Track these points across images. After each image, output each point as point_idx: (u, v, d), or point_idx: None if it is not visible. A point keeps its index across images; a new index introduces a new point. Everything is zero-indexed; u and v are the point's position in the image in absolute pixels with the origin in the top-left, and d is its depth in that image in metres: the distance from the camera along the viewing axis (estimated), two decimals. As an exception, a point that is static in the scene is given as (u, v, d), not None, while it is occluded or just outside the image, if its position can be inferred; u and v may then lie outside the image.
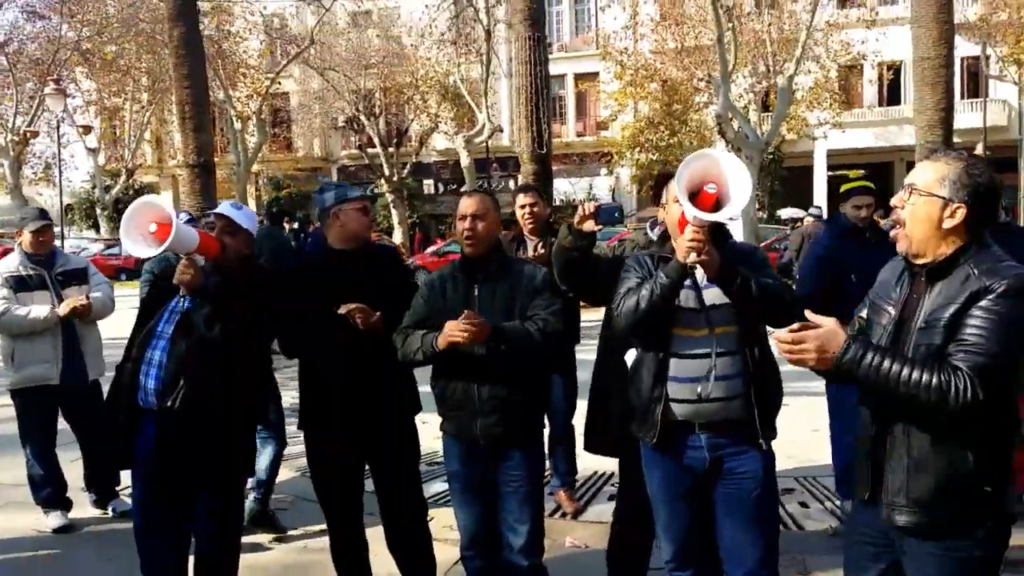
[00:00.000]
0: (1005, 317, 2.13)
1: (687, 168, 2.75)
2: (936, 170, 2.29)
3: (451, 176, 34.11)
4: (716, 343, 2.86)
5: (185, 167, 14.35)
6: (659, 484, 3.05)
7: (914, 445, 2.26)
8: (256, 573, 4.39)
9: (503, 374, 3.25)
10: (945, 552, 2.28)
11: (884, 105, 32.90)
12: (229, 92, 25.99)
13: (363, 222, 3.70)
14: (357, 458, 3.75)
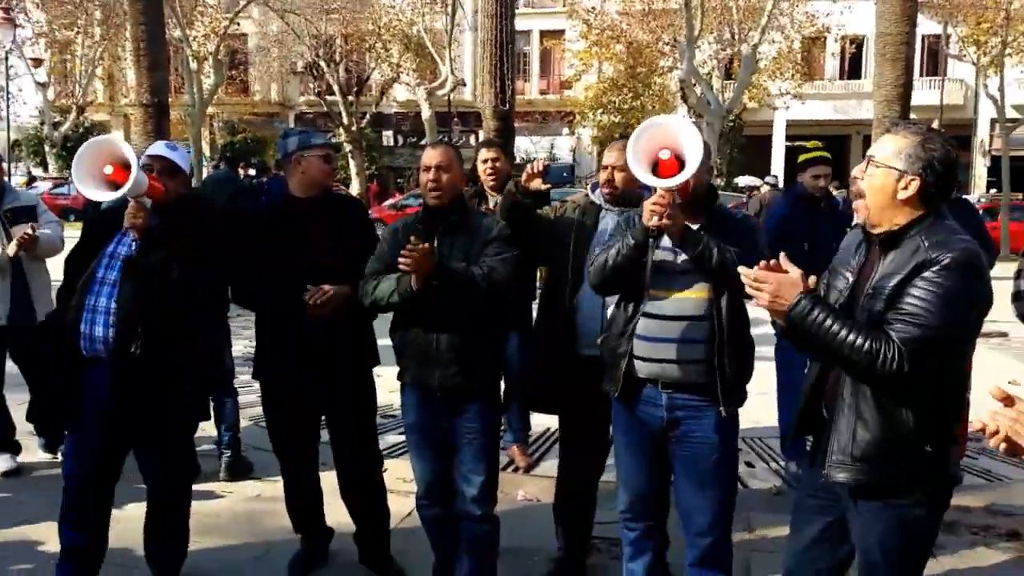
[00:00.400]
0: (946, 289, 2.17)
1: (639, 140, 2.84)
2: (894, 143, 2.35)
3: (411, 129, 33.77)
4: (677, 305, 2.93)
5: (138, 106, 13.94)
6: (621, 435, 3.18)
7: (860, 405, 2.33)
8: (209, 520, 4.40)
9: (462, 326, 3.27)
10: (887, 509, 2.36)
11: (845, 78, 33.24)
12: (186, 31, 25.28)
13: (324, 169, 3.66)
14: (313, 408, 3.75)
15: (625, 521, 3.20)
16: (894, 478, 2.33)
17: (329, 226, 3.59)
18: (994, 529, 4.32)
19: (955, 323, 2.20)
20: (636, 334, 2.99)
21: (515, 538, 4.14)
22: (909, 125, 2.42)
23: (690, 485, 3.04)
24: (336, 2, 29.17)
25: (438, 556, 3.61)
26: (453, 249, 3.30)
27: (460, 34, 28.28)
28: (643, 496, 3.16)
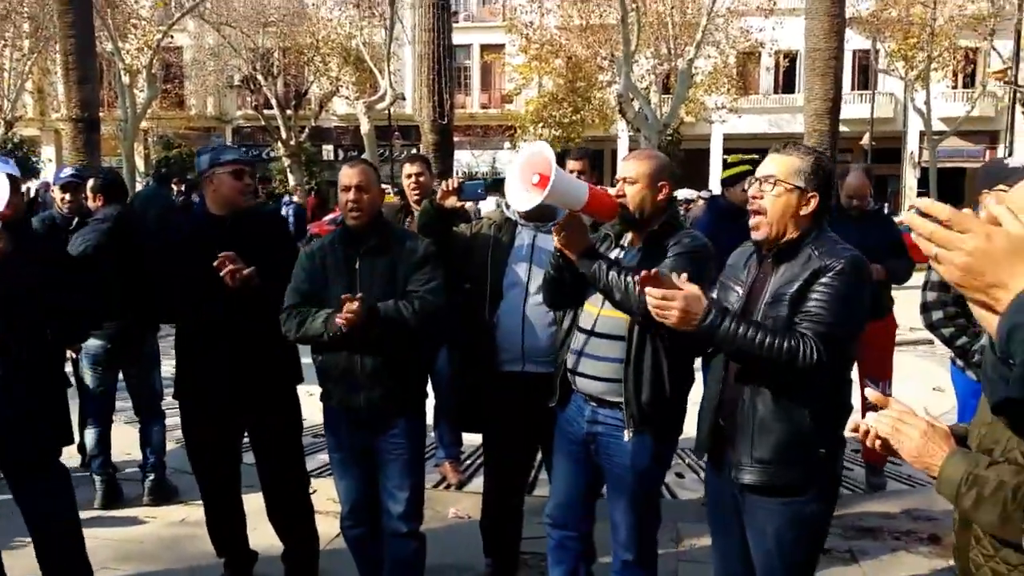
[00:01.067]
0: (841, 292, 2.40)
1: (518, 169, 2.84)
2: (792, 163, 2.52)
3: (351, 143, 33.49)
4: (601, 323, 2.97)
5: (68, 121, 13.67)
6: (556, 444, 3.23)
7: (759, 409, 2.51)
8: (132, 547, 4.29)
9: (385, 346, 3.23)
10: (782, 507, 2.54)
11: (779, 92, 33.90)
12: (118, 44, 24.78)
13: (235, 186, 3.57)
14: (233, 429, 3.69)
15: (550, 527, 3.24)
16: (792, 478, 2.52)
17: (245, 243, 3.51)
18: (916, 534, 4.41)
19: (850, 320, 2.45)
20: (571, 348, 3.06)
21: (447, 555, 4.12)
22: (799, 146, 2.59)
23: (611, 499, 3.09)
24: (273, 15, 28.89)
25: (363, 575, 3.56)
26: (375, 271, 3.25)
27: (399, 48, 28.20)
28: (564, 504, 3.19)
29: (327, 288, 3.24)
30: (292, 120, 30.02)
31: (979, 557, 1.80)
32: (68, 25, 13.16)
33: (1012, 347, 1.22)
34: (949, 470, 1.68)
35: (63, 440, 3.40)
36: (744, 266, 2.66)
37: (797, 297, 2.44)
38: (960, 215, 1.30)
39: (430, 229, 3.53)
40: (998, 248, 1.26)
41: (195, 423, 3.70)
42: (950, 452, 1.70)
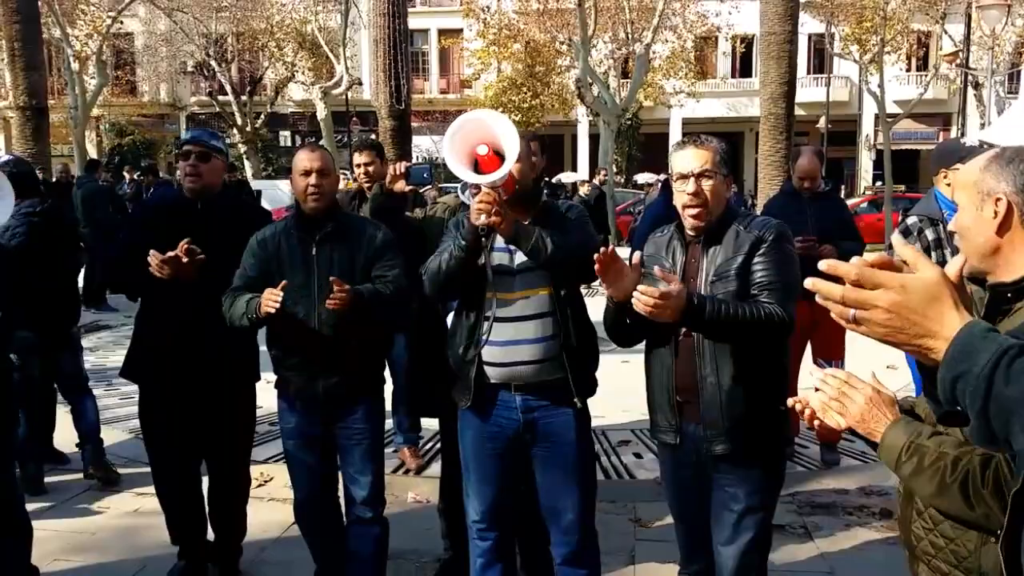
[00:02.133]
0: (782, 257, 2.64)
1: (454, 137, 2.79)
2: (714, 153, 2.69)
3: (308, 129, 33.14)
4: (519, 305, 2.90)
5: (15, 109, 13.40)
6: (471, 445, 3.06)
7: (724, 382, 2.64)
8: (83, 538, 4.23)
9: (340, 334, 3.19)
10: (749, 471, 2.70)
11: (736, 77, 34.14)
12: (67, 30, 24.24)
13: (181, 168, 3.52)
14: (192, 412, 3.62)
15: (479, 532, 3.10)
16: (758, 440, 2.68)
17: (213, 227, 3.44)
18: (868, 509, 4.49)
19: (796, 280, 2.60)
20: (486, 340, 2.90)
21: (405, 540, 4.10)
22: (701, 136, 2.77)
23: (553, 484, 3.00)
24: (226, 0, 28.43)
25: (319, 564, 3.54)
26: (334, 258, 3.21)
27: (355, 33, 27.89)
28: (498, 506, 3.07)
29: (279, 275, 3.16)
30: (247, 106, 29.61)
31: (919, 530, 1.83)
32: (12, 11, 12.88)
33: (959, 397, 1.15)
34: (891, 437, 1.70)
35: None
36: (667, 253, 2.77)
37: (742, 270, 2.62)
38: (867, 271, 1.20)
39: (382, 214, 3.50)
40: (916, 299, 1.18)
41: (152, 405, 3.64)
42: (894, 420, 1.72)
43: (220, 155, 3.56)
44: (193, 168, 3.47)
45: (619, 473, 4.92)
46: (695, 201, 2.64)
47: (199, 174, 3.48)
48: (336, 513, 3.53)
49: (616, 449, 5.28)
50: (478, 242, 2.82)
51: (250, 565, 3.89)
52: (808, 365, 5.07)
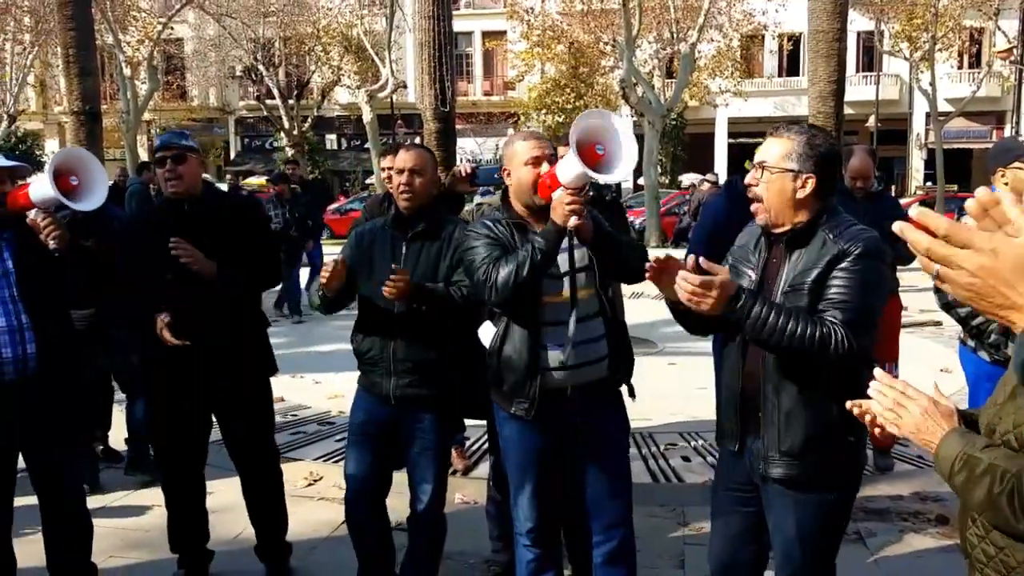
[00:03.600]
0: (863, 278, 2.35)
1: (580, 125, 2.70)
2: (782, 145, 2.45)
3: (354, 131, 33.51)
4: (579, 307, 2.88)
5: (71, 114, 13.67)
6: (523, 455, 3.00)
7: (784, 402, 2.44)
8: (137, 535, 4.31)
9: (420, 335, 3.21)
10: (807, 496, 2.48)
11: (783, 75, 33.75)
12: (119, 36, 24.76)
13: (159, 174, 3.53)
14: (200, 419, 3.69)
15: (531, 540, 3.05)
16: (820, 470, 2.46)
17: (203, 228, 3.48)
18: (924, 515, 4.39)
19: (874, 304, 2.40)
20: (544, 345, 2.87)
21: (453, 540, 4.09)
22: (791, 126, 2.51)
23: (600, 482, 2.99)
24: (273, 5, 28.81)
25: (361, 561, 3.56)
26: (421, 257, 3.24)
27: (400, 36, 28.11)
28: (548, 514, 3.04)
29: (371, 269, 3.24)
30: (295, 110, 29.99)
31: (973, 537, 1.79)
32: (67, 18, 13.14)
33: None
34: (945, 448, 1.66)
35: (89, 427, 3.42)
36: (755, 248, 2.58)
37: (816, 286, 2.38)
38: (959, 228, 1.14)
39: None
40: (1006, 267, 1.09)
41: (159, 413, 3.69)
42: (949, 430, 1.68)
43: (194, 153, 3.58)
44: (171, 172, 3.48)
45: (667, 476, 4.88)
46: (751, 193, 2.49)
47: (179, 176, 3.50)
48: (383, 513, 3.54)
49: (664, 452, 5.24)
50: (560, 243, 2.78)
51: (301, 564, 3.92)
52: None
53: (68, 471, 3.37)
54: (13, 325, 3.09)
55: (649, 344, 6.90)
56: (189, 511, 3.74)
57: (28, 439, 3.21)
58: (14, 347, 3.08)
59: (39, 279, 3.14)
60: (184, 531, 3.76)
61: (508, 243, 2.88)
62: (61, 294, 3.20)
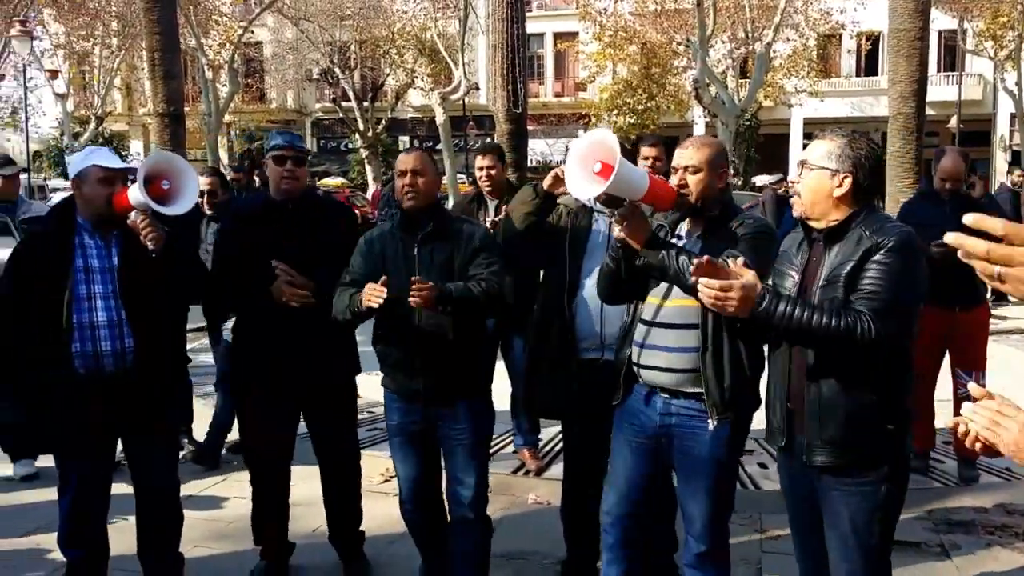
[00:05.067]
0: (894, 268, 2.45)
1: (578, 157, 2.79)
2: (824, 146, 2.59)
3: (427, 133, 33.80)
4: (667, 313, 2.92)
5: (155, 116, 14.10)
6: (617, 441, 3.13)
7: (823, 390, 2.55)
8: (218, 526, 4.43)
9: (442, 335, 3.26)
10: (856, 487, 2.58)
11: (861, 75, 32.97)
12: (201, 40, 25.45)
13: (275, 171, 3.61)
14: (289, 416, 3.78)
15: (608, 524, 3.13)
16: (860, 455, 2.57)
17: (303, 230, 3.57)
18: (1011, 528, 4.26)
19: (904, 294, 2.48)
20: (634, 340, 2.99)
21: (527, 541, 4.15)
22: (836, 130, 2.65)
23: (685, 491, 3.02)
24: (349, 9, 29.29)
25: (424, 557, 3.62)
26: (434, 257, 3.29)
27: (473, 38, 28.29)
28: (627, 499, 3.08)
29: (383, 273, 3.26)
30: (369, 112, 30.43)
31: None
32: (153, 22, 13.57)
33: None
34: None
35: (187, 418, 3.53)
36: (797, 251, 2.69)
37: (851, 277, 2.48)
38: (1018, 227, 1.13)
39: (531, 216, 3.52)
40: None
41: (250, 407, 3.79)
42: None
43: (307, 158, 3.74)
44: (290, 172, 3.61)
45: (743, 483, 4.82)
46: (792, 189, 2.62)
47: (296, 177, 3.64)
48: (440, 509, 3.59)
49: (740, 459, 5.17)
50: (618, 251, 2.87)
51: (377, 557, 3.99)
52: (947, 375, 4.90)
53: (163, 463, 3.49)
54: (113, 320, 3.21)
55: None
56: (274, 504, 3.84)
57: (126, 430, 3.33)
58: (113, 341, 3.21)
59: (140, 278, 3.25)
60: (268, 524, 3.86)
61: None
62: (161, 293, 3.30)
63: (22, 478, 4.99)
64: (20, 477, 4.99)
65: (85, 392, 3.20)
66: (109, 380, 3.22)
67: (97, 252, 3.26)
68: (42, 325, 3.17)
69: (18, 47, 23.54)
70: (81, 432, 3.24)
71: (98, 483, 3.37)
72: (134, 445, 3.40)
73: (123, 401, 3.24)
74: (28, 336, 3.21)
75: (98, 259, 3.25)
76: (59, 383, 3.20)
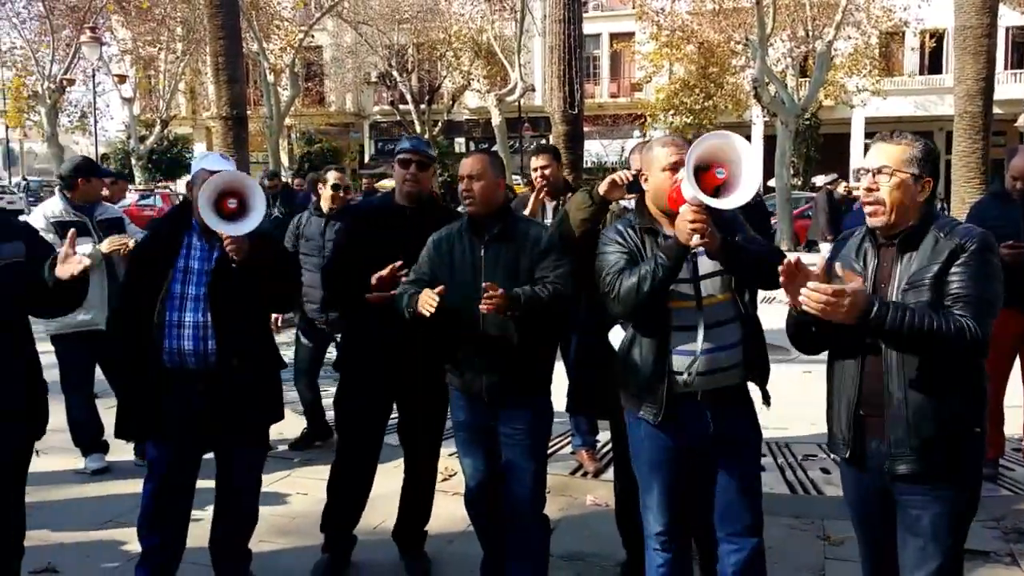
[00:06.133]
0: (983, 270, 2.47)
1: (700, 146, 2.71)
2: (903, 151, 2.57)
3: (482, 135, 33.96)
4: (707, 313, 2.89)
5: (218, 119, 14.38)
6: (654, 457, 3.01)
7: (914, 397, 2.49)
8: (283, 522, 4.54)
9: (506, 337, 3.28)
10: (937, 493, 2.54)
11: (925, 73, 32.24)
12: (263, 44, 25.92)
13: (400, 174, 3.79)
14: (385, 407, 3.88)
15: (661, 544, 3.05)
16: (949, 461, 2.52)
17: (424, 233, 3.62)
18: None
19: (996, 295, 2.49)
20: (674, 350, 2.89)
21: (586, 542, 4.16)
22: (904, 134, 2.63)
23: (732, 490, 2.97)
24: (407, 12, 29.59)
25: (486, 553, 3.66)
26: (500, 259, 3.31)
27: (529, 40, 28.34)
28: (679, 518, 3.03)
29: (449, 274, 3.32)
30: (426, 114, 30.71)
31: None
32: (217, 28, 13.84)
33: None
34: None
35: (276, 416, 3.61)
36: (857, 255, 2.66)
37: (937, 281, 2.47)
38: None
39: (587, 221, 3.51)
40: None
41: (349, 394, 3.89)
42: None
43: (433, 164, 3.84)
44: (413, 176, 3.73)
45: (805, 488, 4.77)
46: (868, 197, 2.56)
47: (419, 182, 3.74)
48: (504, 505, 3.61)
49: (802, 463, 5.12)
50: (683, 261, 2.82)
51: (438, 555, 4.04)
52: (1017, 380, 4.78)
53: (245, 463, 3.56)
54: (198, 321, 3.29)
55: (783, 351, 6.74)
56: (353, 495, 3.92)
57: (212, 427, 3.40)
58: (196, 341, 3.29)
59: (229, 283, 3.31)
60: (341, 514, 3.93)
61: (636, 250, 2.94)
62: (249, 301, 3.36)
63: (93, 472, 5.15)
64: (91, 471, 5.15)
65: (171, 386, 3.31)
66: (193, 377, 3.31)
67: (200, 254, 3.37)
68: (141, 319, 3.29)
69: (88, 53, 24.26)
70: (167, 423, 3.34)
71: (181, 475, 3.45)
72: (219, 443, 3.48)
73: (208, 399, 3.33)
74: (130, 328, 3.36)
75: (199, 261, 3.36)
76: (149, 375, 3.31)
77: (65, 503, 4.77)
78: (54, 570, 3.92)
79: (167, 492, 3.44)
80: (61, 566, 3.95)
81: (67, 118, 31.68)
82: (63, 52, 27.37)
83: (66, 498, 4.84)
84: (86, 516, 4.51)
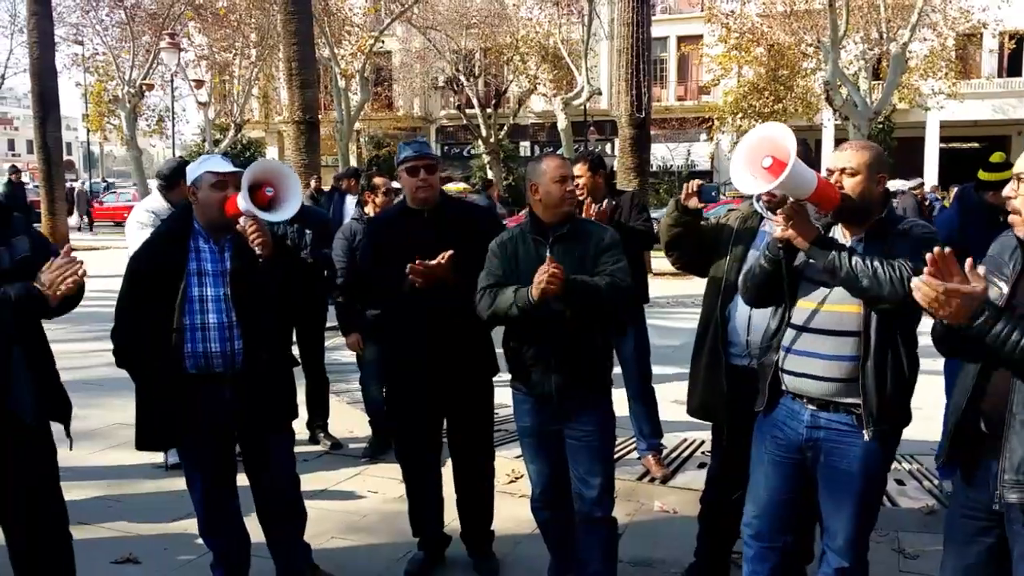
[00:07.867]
0: None
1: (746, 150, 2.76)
2: None
3: (547, 139, 34.00)
4: (822, 318, 2.83)
5: (291, 123, 14.68)
6: (756, 449, 3.08)
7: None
8: (355, 519, 4.60)
9: (574, 331, 3.29)
10: None
11: (1004, 76, 31.28)
12: (334, 50, 26.34)
13: (410, 183, 3.76)
14: (436, 414, 3.92)
15: (748, 536, 3.08)
16: None
17: (442, 236, 3.65)
18: None
19: None
20: (783, 346, 2.90)
21: (652, 548, 4.14)
22: None
23: (830, 505, 2.90)
24: (475, 17, 29.78)
25: (554, 557, 3.67)
26: (566, 259, 3.31)
27: (596, 44, 28.31)
28: (768, 514, 3.01)
29: (517, 276, 3.34)
30: (492, 118, 30.84)
31: None
32: (291, 34, 14.14)
33: None
34: None
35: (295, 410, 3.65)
36: (1009, 258, 2.46)
37: None
38: None
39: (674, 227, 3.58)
40: None
41: (399, 406, 3.94)
42: None
43: (439, 161, 3.85)
44: (424, 181, 3.74)
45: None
46: (1009, 206, 2.39)
47: (430, 185, 3.76)
48: (571, 510, 3.60)
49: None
50: (777, 254, 2.85)
51: (505, 557, 4.07)
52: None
53: (274, 462, 3.56)
54: (223, 322, 3.31)
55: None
56: (426, 497, 3.98)
57: (239, 429, 3.46)
58: (222, 343, 3.30)
59: (250, 282, 3.34)
60: (422, 515, 4.00)
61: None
62: (271, 297, 3.39)
63: (171, 466, 5.29)
64: (169, 465, 5.30)
65: (197, 391, 3.31)
66: (219, 380, 3.32)
67: (210, 256, 3.36)
68: (156, 325, 3.28)
69: (166, 58, 24.93)
70: (195, 429, 3.36)
71: (220, 478, 3.49)
72: (247, 445, 3.52)
73: (234, 400, 3.35)
74: (143, 336, 3.34)
75: (211, 263, 3.35)
76: (171, 382, 3.30)
77: (144, 497, 4.92)
78: (136, 560, 4.05)
79: (215, 496, 3.48)
80: (141, 557, 4.08)
81: (145, 122, 32.57)
82: (143, 58, 28.18)
83: (145, 492, 4.99)
84: (164, 509, 4.62)
